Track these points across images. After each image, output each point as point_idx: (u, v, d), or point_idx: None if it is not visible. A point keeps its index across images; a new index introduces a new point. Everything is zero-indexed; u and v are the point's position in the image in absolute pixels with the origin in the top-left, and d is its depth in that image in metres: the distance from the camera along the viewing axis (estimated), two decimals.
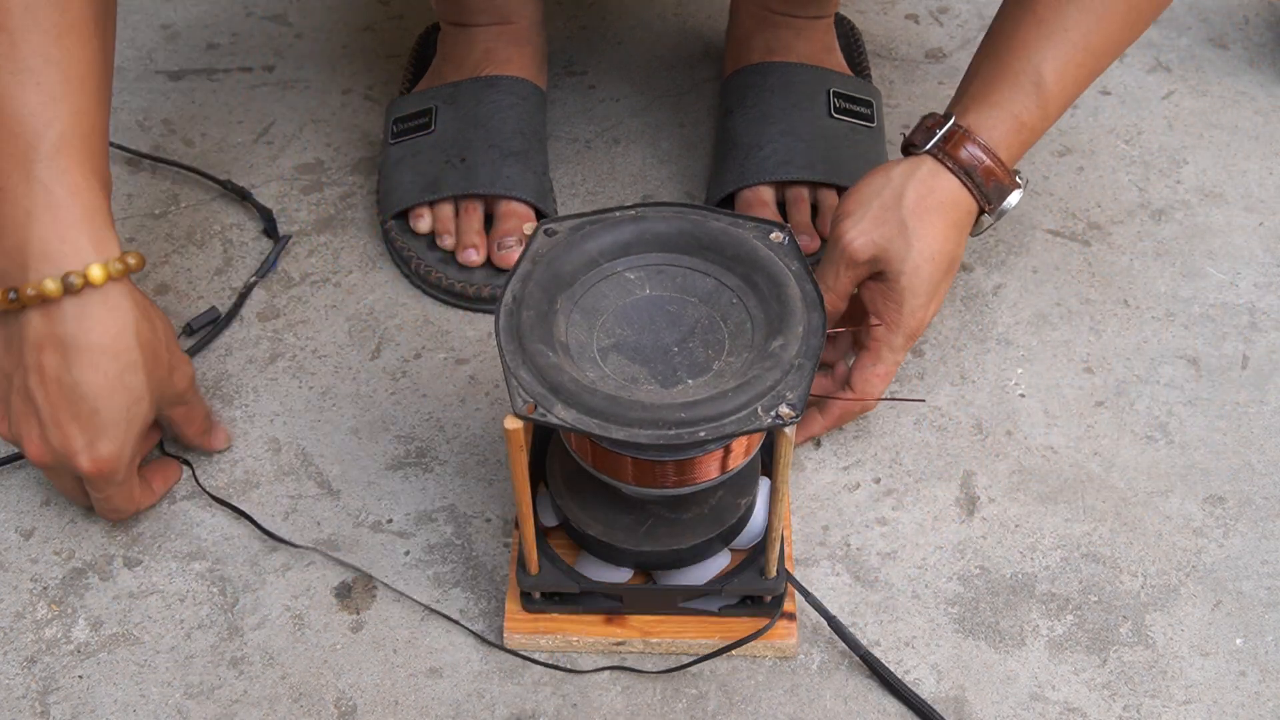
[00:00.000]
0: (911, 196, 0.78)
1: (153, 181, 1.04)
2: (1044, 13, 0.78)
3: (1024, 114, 0.79)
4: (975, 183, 0.79)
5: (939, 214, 0.79)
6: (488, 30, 1.01)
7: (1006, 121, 0.79)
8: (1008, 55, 0.79)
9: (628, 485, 0.69)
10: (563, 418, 0.62)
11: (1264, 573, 0.80)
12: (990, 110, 0.79)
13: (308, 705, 0.75)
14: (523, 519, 0.70)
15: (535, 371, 0.64)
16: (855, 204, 0.80)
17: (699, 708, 0.74)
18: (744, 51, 1.03)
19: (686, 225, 0.70)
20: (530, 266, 0.68)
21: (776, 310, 0.67)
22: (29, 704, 0.75)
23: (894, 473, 0.85)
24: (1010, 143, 0.79)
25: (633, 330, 0.68)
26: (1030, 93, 0.78)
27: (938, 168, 0.79)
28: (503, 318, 0.66)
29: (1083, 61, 0.78)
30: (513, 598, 0.77)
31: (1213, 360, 0.91)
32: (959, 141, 0.79)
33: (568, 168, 1.05)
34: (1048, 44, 0.78)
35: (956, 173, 0.79)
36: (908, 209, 0.78)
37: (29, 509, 0.84)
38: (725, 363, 0.67)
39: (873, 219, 0.78)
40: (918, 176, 0.79)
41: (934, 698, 0.75)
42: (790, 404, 0.63)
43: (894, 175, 0.80)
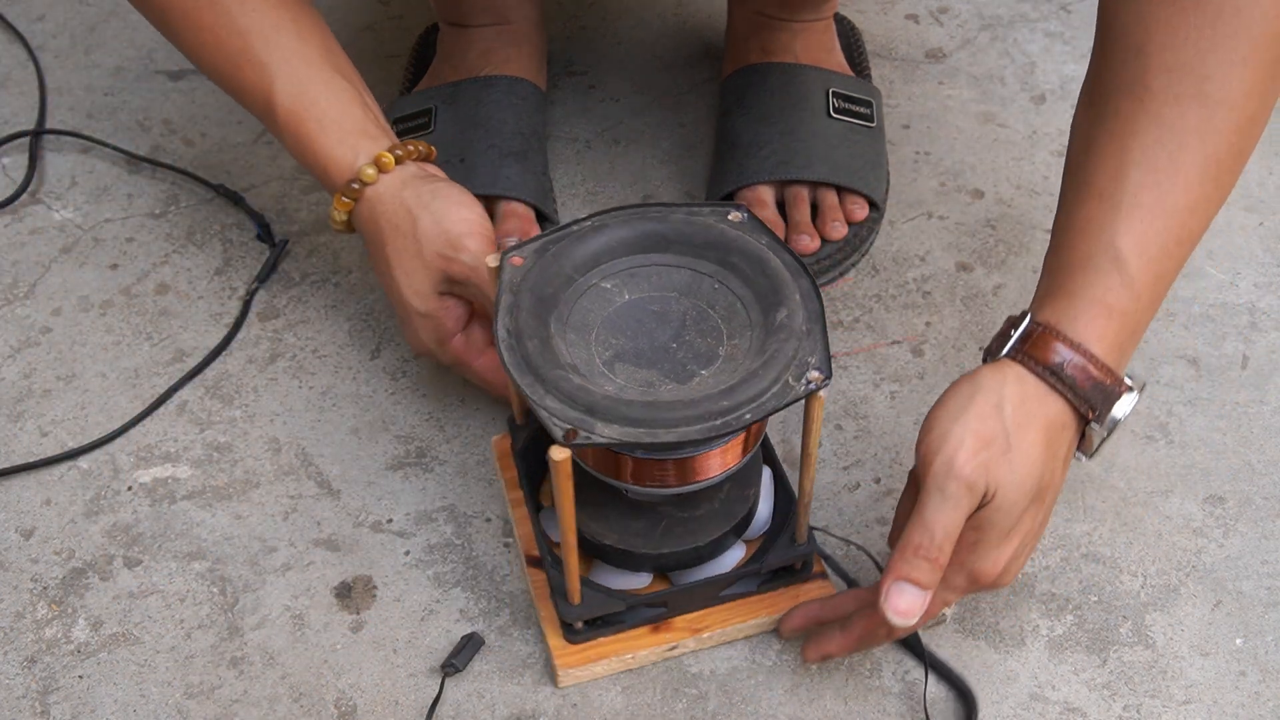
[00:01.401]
0: (1008, 409, 0.65)
1: (153, 182, 1.04)
2: (1105, 186, 0.67)
3: (1109, 297, 0.66)
4: (1067, 384, 0.66)
5: (1036, 429, 0.66)
6: (487, 30, 1.01)
7: (1091, 308, 0.66)
8: (1076, 239, 0.68)
9: (647, 488, 0.70)
10: (609, 435, 0.62)
11: (1264, 573, 0.80)
12: (1068, 300, 0.67)
13: (308, 705, 0.75)
14: (567, 550, 0.69)
15: (564, 397, 0.63)
16: (947, 422, 0.65)
17: (699, 708, 0.74)
18: (743, 52, 1.03)
19: (648, 224, 0.70)
20: (512, 297, 0.67)
21: (765, 284, 0.68)
22: (29, 704, 0.75)
23: (894, 473, 0.85)
24: (1102, 334, 0.66)
25: (627, 337, 0.68)
26: (1110, 272, 0.66)
27: (1024, 373, 0.66)
28: (506, 354, 0.65)
29: (1165, 227, 0.66)
30: (552, 633, 0.75)
31: (1213, 360, 0.91)
32: (1040, 340, 0.66)
33: (568, 168, 1.05)
34: (1117, 216, 0.66)
35: (1043, 376, 0.66)
36: (1008, 423, 0.65)
37: (29, 509, 0.84)
38: (731, 346, 0.67)
39: (977, 437, 0.64)
40: (1008, 386, 0.66)
41: (934, 698, 0.75)
42: (816, 368, 0.64)
43: (983, 382, 0.67)
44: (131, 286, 0.97)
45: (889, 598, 0.65)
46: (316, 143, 0.79)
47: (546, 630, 0.75)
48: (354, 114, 0.80)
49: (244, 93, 0.81)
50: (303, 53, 0.79)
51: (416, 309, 0.79)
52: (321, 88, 0.79)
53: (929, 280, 0.96)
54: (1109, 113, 0.68)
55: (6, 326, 0.94)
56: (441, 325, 0.80)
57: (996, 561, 0.67)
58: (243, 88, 0.80)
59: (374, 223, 0.79)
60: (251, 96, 0.80)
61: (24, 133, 1.07)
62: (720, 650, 0.77)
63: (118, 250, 0.99)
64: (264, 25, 0.78)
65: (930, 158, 1.05)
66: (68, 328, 0.94)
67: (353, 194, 0.79)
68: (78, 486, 0.85)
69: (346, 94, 0.81)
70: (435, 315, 0.79)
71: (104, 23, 1.18)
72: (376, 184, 0.79)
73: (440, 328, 0.80)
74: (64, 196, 1.03)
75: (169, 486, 0.85)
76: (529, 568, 0.78)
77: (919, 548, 0.65)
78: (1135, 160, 0.66)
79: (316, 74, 0.79)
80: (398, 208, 0.78)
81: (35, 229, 1.01)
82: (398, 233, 0.78)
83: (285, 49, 0.79)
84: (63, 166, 1.06)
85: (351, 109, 0.80)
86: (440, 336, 0.80)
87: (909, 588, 0.65)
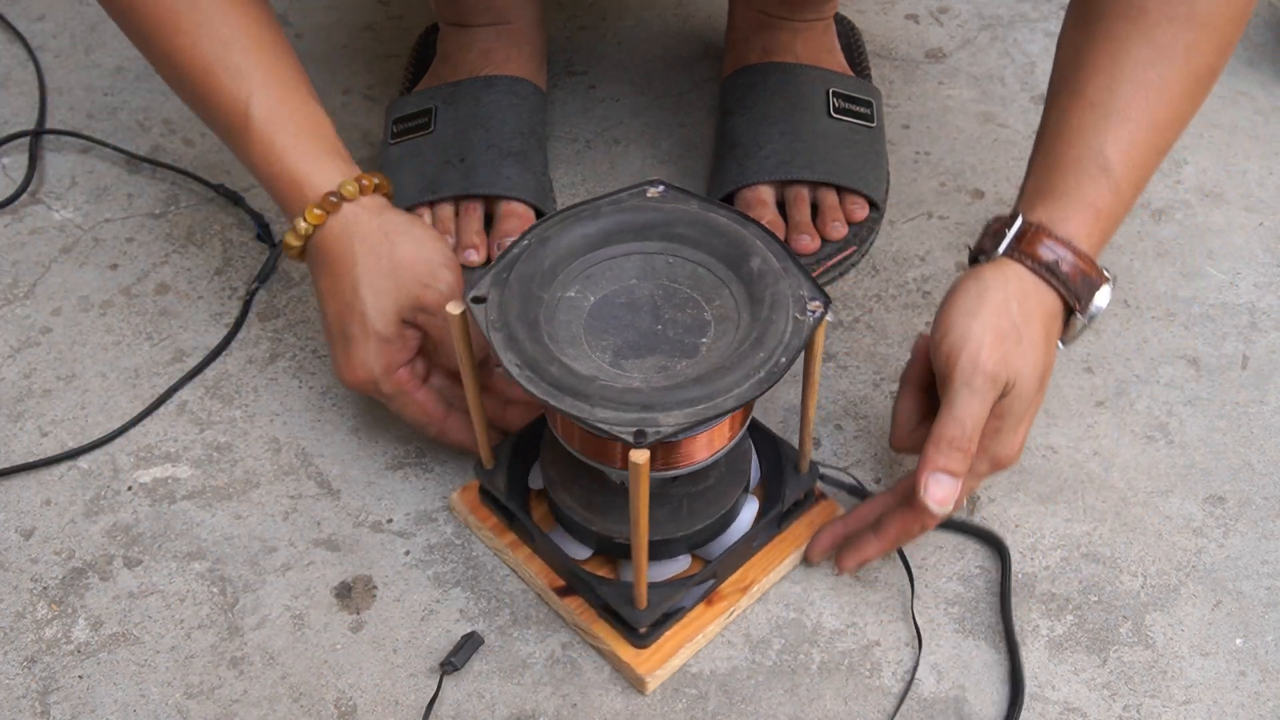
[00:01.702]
0: (1015, 304, 0.71)
1: (152, 182, 1.04)
2: (1095, 95, 0.72)
3: (1097, 200, 0.72)
4: (1061, 280, 0.72)
5: (1036, 319, 0.72)
6: (487, 30, 1.01)
7: (1081, 211, 0.72)
8: (1066, 144, 0.73)
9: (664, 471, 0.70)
10: (676, 422, 0.62)
11: (1264, 573, 0.80)
12: (1060, 201, 0.72)
13: (308, 705, 0.75)
14: (638, 552, 0.68)
15: (613, 404, 0.63)
16: (964, 319, 0.71)
17: (699, 708, 0.74)
18: (743, 52, 1.03)
19: (583, 225, 0.70)
20: (504, 333, 0.66)
21: (720, 242, 0.70)
22: (29, 704, 0.75)
23: (894, 473, 0.85)
24: (1090, 232, 0.72)
25: (614, 334, 0.69)
26: (1098, 178, 0.72)
27: (1022, 271, 0.72)
28: (533, 387, 0.64)
29: (1148, 139, 0.73)
30: (619, 645, 0.75)
31: (1213, 360, 0.91)
32: (1034, 239, 0.72)
33: (568, 168, 1.05)
34: (1107, 125, 0.72)
35: (1039, 272, 0.72)
36: (1017, 317, 0.71)
37: (29, 509, 0.84)
38: (715, 308, 0.69)
39: (995, 332, 0.70)
40: (1011, 283, 0.72)
41: (934, 697, 0.75)
42: (811, 298, 0.67)
43: (989, 280, 0.72)
44: (131, 286, 0.97)
45: (929, 489, 0.70)
46: (292, 155, 0.77)
47: (614, 646, 0.74)
48: (330, 136, 0.79)
49: (216, 98, 0.77)
50: (280, 70, 0.78)
51: (378, 331, 0.76)
52: (300, 105, 0.78)
53: (929, 280, 0.96)
54: (1102, 31, 0.73)
55: (6, 326, 0.94)
56: (396, 352, 0.78)
57: (1014, 444, 0.73)
58: (216, 93, 0.77)
59: (345, 241, 0.77)
60: (224, 103, 0.77)
61: (24, 133, 1.07)
62: (720, 650, 0.77)
63: (118, 250, 0.99)
64: (245, 37, 0.77)
65: (930, 158, 1.05)
66: (68, 328, 0.94)
67: (329, 206, 0.77)
68: (78, 486, 0.85)
69: (322, 117, 0.80)
70: (394, 341, 0.77)
71: (104, 23, 1.18)
72: (355, 202, 0.77)
73: (393, 355, 0.78)
74: (64, 196, 1.03)
75: (169, 486, 0.85)
76: (562, 598, 0.77)
77: (953, 440, 0.70)
78: (1127, 75, 0.72)
79: (294, 92, 0.78)
80: (375, 229, 0.77)
81: (35, 229, 1.01)
82: (373, 254, 0.76)
83: (265, 63, 0.77)
84: (63, 166, 1.06)
85: (327, 131, 0.79)
86: (390, 364, 0.78)
87: (945, 478, 0.70)
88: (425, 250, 0.77)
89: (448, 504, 0.82)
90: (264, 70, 0.77)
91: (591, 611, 0.76)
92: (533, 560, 0.78)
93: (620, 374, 0.67)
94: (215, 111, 0.78)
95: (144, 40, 0.78)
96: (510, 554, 0.79)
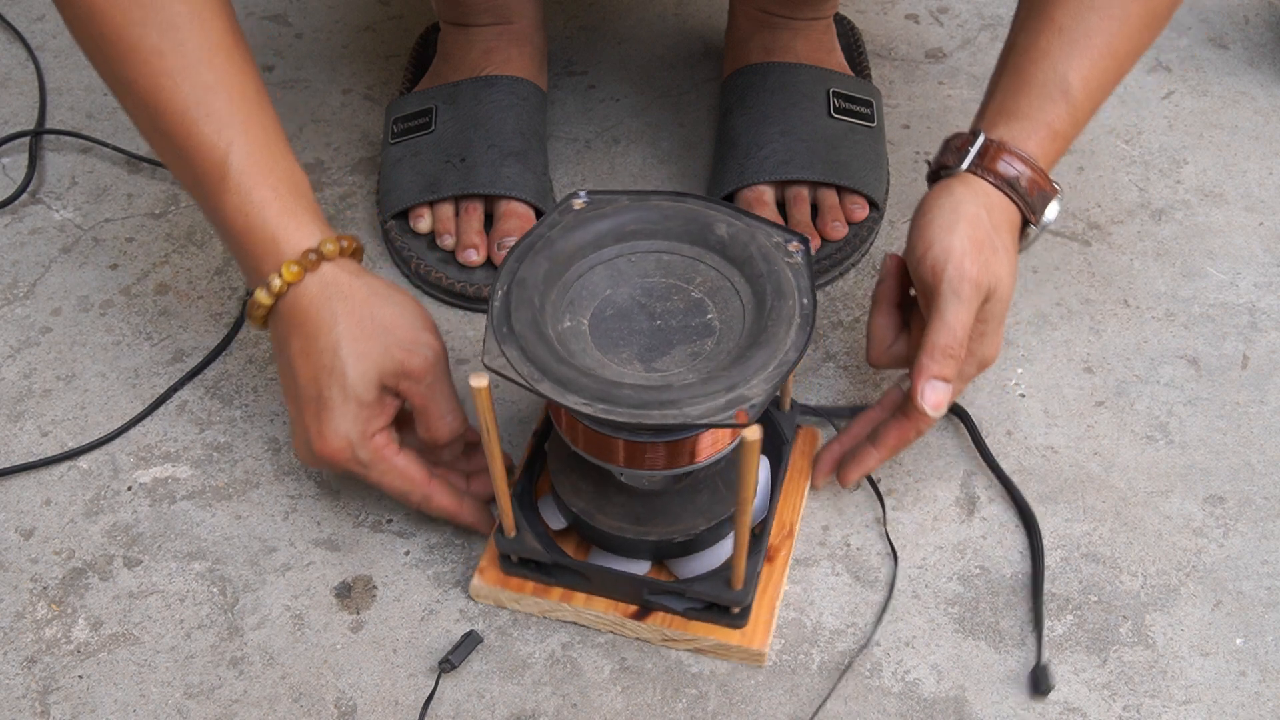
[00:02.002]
0: (985, 215, 0.75)
1: (152, 181, 1.04)
2: (1064, 20, 0.76)
3: (1056, 122, 0.77)
4: (1020, 194, 0.76)
5: (1007, 231, 0.76)
6: (487, 30, 1.01)
7: (1040, 131, 0.76)
8: (1030, 66, 0.77)
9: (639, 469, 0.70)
10: (764, 389, 0.64)
11: (1264, 573, 0.80)
12: (1021, 122, 0.77)
13: (308, 705, 0.75)
14: (741, 530, 0.69)
15: (701, 398, 0.63)
16: (944, 232, 0.74)
17: (699, 708, 0.74)
18: (743, 52, 1.03)
19: (543, 260, 0.69)
20: (555, 382, 0.64)
21: (672, 225, 0.71)
22: (29, 704, 0.75)
23: (894, 473, 0.85)
24: (1046, 151, 0.77)
25: (624, 346, 0.68)
26: (1059, 100, 0.76)
27: (987, 186, 0.76)
28: (617, 415, 0.63)
29: (1107, 67, 0.77)
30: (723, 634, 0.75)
31: (1213, 360, 0.91)
32: (995, 156, 0.76)
33: (568, 168, 1.05)
34: (1072, 51, 0.76)
35: (1001, 187, 0.76)
36: (989, 227, 0.75)
37: (29, 509, 0.84)
38: (700, 284, 0.70)
39: (973, 241, 0.74)
40: (979, 194, 0.76)
41: (934, 697, 0.75)
42: (786, 240, 0.70)
43: (960, 195, 0.76)
44: (131, 286, 0.97)
45: (925, 395, 0.74)
46: (271, 208, 0.74)
47: (718, 638, 0.75)
48: (309, 195, 0.77)
49: (193, 143, 0.74)
50: (262, 121, 0.75)
51: (359, 395, 0.73)
52: (280, 159, 0.76)
53: None
54: None
55: (6, 326, 0.94)
56: (374, 417, 0.75)
57: (996, 345, 0.77)
58: (194, 139, 0.74)
59: (324, 301, 0.74)
60: (202, 150, 0.74)
61: (24, 133, 1.07)
62: None
63: (118, 250, 0.99)
64: (229, 85, 0.74)
65: (930, 158, 1.05)
66: (68, 328, 0.94)
67: (308, 264, 0.73)
68: (78, 486, 0.85)
69: (301, 175, 0.77)
70: (373, 406, 0.74)
71: None
72: (335, 261, 0.75)
73: (372, 420, 0.75)
74: (64, 196, 1.03)
75: (169, 486, 0.85)
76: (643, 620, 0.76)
77: (946, 347, 0.73)
78: (1094, 5, 0.76)
79: (275, 146, 0.76)
80: (357, 290, 0.74)
81: (35, 229, 1.01)
82: (354, 315, 0.74)
83: (247, 112, 0.74)
84: (63, 166, 1.06)
85: (306, 190, 0.77)
86: (368, 429, 0.74)
87: (939, 384, 0.74)
88: (408, 315, 0.75)
89: (470, 594, 0.79)
90: (246, 120, 0.74)
91: (680, 619, 0.75)
92: (593, 601, 0.76)
93: (663, 374, 0.67)
94: (190, 157, 0.74)
95: (122, 81, 0.74)
96: (568, 607, 0.77)
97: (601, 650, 0.77)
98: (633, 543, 0.75)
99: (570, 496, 0.75)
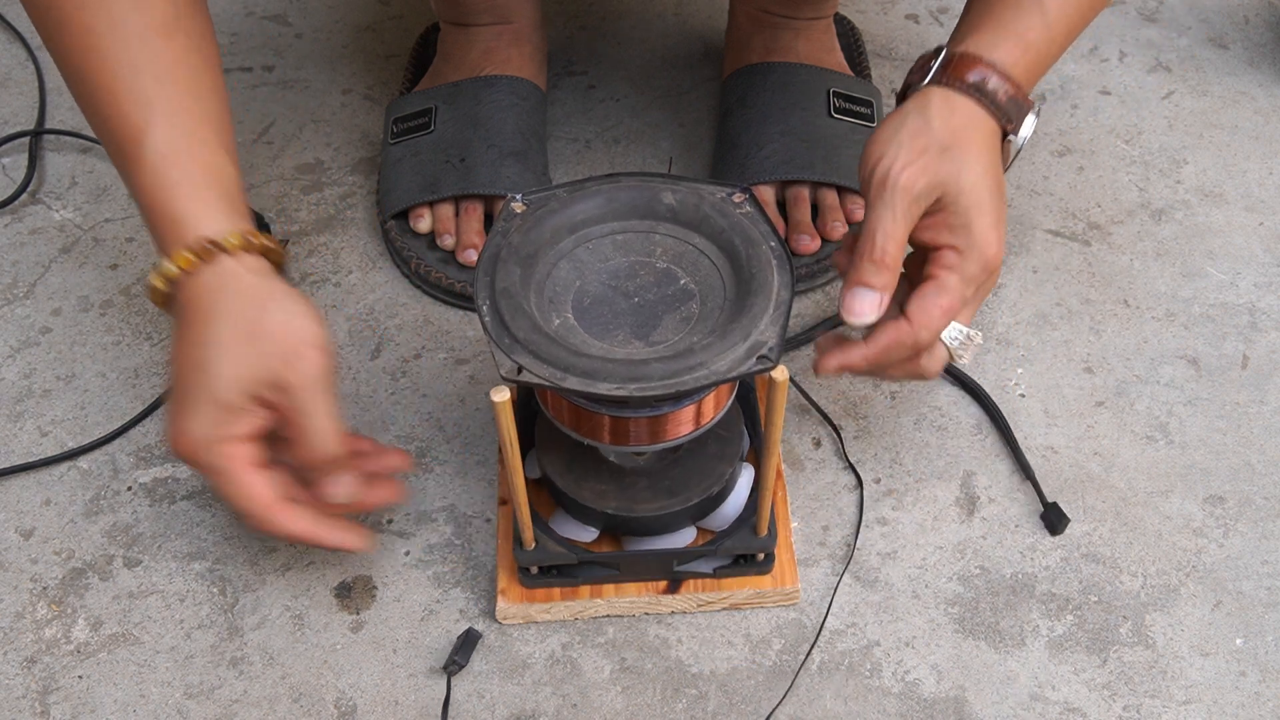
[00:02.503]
0: (937, 122, 0.71)
1: None
2: None
3: (1029, 33, 0.73)
4: (988, 97, 0.72)
5: (970, 132, 0.72)
6: (487, 30, 1.01)
7: (1010, 40, 0.73)
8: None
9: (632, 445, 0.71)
10: (776, 333, 0.65)
11: (1264, 573, 0.80)
12: (991, 33, 0.73)
13: (308, 705, 0.75)
14: (769, 471, 0.70)
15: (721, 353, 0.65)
16: (881, 145, 0.72)
17: (699, 708, 0.74)
18: (744, 52, 1.03)
19: (514, 264, 0.69)
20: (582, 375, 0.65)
21: (618, 205, 0.71)
22: (29, 704, 0.75)
23: (894, 473, 0.85)
24: (1018, 61, 0.73)
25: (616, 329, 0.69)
26: (1033, 12, 0.73)
27: (948, 93, 0.72)
28: (653, 390, 0.64)
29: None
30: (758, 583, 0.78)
31: (1213, 360, 0.91)
32: (959, 65, 0.73)
33: (568, 168, 1.05)
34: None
35: (968, 92, 0.72)
36: (939, 134, 0.71)
37: (29, 509, 0.84)
38: (663, 254, 0.71)
39: (910, 149, 0.70)
40: (933, 105, 0.72)
41: (934, 697, 0.75)
42: (729, 193, 0.71)
43: (908, 110, 0.73)
44: (131, 286, 0.97)
45: (847, 303, 0.71)
46: (180, 191, 0.71)
47: (754, 586, 0.77)
48: (231, 188, 0.73)
49: (114, 116, 0.72)
50: (194, 111, 0.72)
51: (220, 397, 0.69)
52: (203, 148, 0.72)
53: None
54: None
55: (6, 326, 0.94)
56: (233, 425, 0.70)
57: (997, 241, 0.72)
58: (115, 113, 0.72)
59: (213, 295, 0.70)
60: (120, 125, 0.72)
61: (24, 133, 1.07)
62: (720, 650, 0.77)
63: (118, 250, 0.99)
64: (162, 70, 0.72)
65: None
66: (68, 328, 0.94)
67: (203, 254, 0.70)
68: (78, 486, 0.85)
69: (229, 169, 0.74)
70: (235, 411, 0.69)
71: None
72: (235, 257, 0.71)
73: (228, 425, 0.70)
74: (64, 196, 1.03)
75: (169, 486, 0.85)
76: (676, 594, 0.78)
77: (868, 253, 0.70)
78: None
79: (202, 135, 0.73)
80: (249, 289, 0.71)
81: (35, 229, 1.01)
82: (235, 315, 0.70)
83: (177, 100, 0.72)
84: (63, 166, 1.06)
85: (230, 184, 0.73)
86: (222, 434, 0.70)
87: (862, 290, 0.71)
88: (297, 325, 0.70)
89: (499, 621, 0.78)
90: (170, 103, 0.71)
91: (711, 580, 0.77)
92: (623, 589, 0.77)
93: (666, 344, 0.68)
94: (111, 132, 0.72)
95: (59, 53, 0.73)
96: (600, 602, 0.77)
97: (601, 650, 0.77)
98: (679, 515, 0.76)
99: (599, 501, 0.75)
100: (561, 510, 0.78)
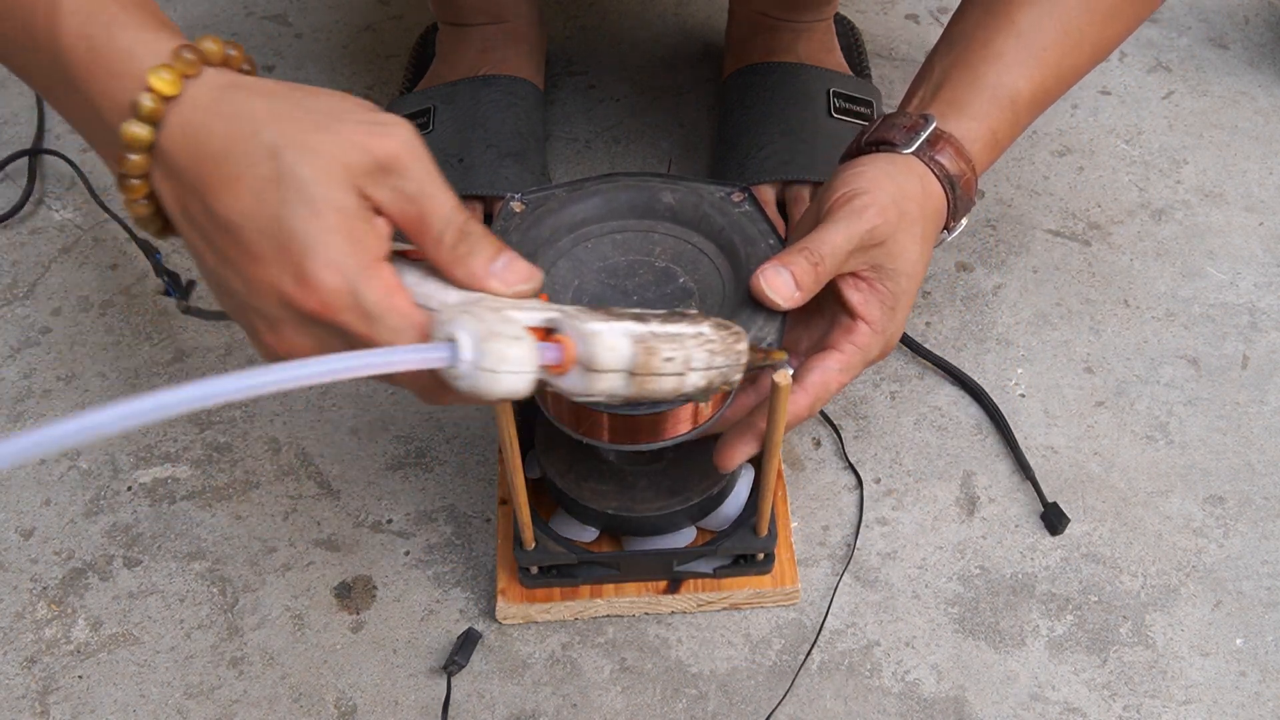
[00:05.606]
0: (914, 195, 0.70)
1: None
2: (1023, 25, 0.74)
3: (999, 130, 0.74)
4: (955, 194, 0.72)
5: (931, 221, 0.72)
6: (484, 30, 1.01)
7: (985, 136, 0.73)
8: (984, 67, 0.74)
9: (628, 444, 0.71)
10: (776, 328, 0.65)
11: (1264, 573, 0.80)
12: (970, 123, 0.73)
13: (308, 705, 0.75)
14: (770, 474, 0.70)
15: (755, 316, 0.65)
16: (864, 181, 0.69)
17: (699, 708, 0.74)
18: (744, 52, 1.03)
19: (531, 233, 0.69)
20: None
21: (619, 205, 0.71)
22: (29, 704, 0.75)
23: (894, 473, 0.85)
24: (983, 159, 0.74)
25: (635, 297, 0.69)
26: (1006, 109, 0.74)
27: (926, 173, 0.72)
28: None
29: (1052, 87, 0.75)
30: (758, 583, 0.78)
31: (1213, 360, 0.91)
32: (944, 147, 0.72)
33: (568, 168, 1.05)
34: (1027, 61, 0.74)
35: (943, 181, 0.72)
36: (913, 206, 0.70)
37: (29, 509, 0.84)
38: (661, 252, 0.71)
39: (888, 198, 0.68)
40: (915, 176, 0.71)
41: (934, 697, 0.75)
42: (728, 193, 0.70)
43: (898, 165, 0.71)
44: (131, 286, 0.97)
45: (767, 275, 0.65)
46: (119, 22, 0.53)
47: (754, 586, 0.78)
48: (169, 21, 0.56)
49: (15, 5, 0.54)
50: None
51: (336, 203, 0.51)
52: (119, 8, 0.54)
53: (929, 280, 0.96)
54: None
55: (6, 326, 0.94)
56: (368, 237, 0.52)
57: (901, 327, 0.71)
58: None
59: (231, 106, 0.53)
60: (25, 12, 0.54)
61: (22, 152, 1.05)
62: (720, 650, 0.77)
63: (117, 250, 0.99)
64: None
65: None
66: (68, 328, 0.94)
67: (186, 66, 0.52)
68: (78, 486, 0.85)
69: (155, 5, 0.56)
70: (359, 218, 0.52)
71: None
72: (220, 70, 0.54)
73: (367, 240, 0.52)
74: (64, 197, 1.03)
75: (169, 486, 0.85)
76: (676, 594, 0.78)
77: (803, 246, 0.66)
78: (1053, 13, 0.74)
79: None
80: (270, 86, 0.54)
81: (35, 229, 1.01)
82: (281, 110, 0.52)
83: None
84: (63, 167, 1.06)
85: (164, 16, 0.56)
86: (365, 258, 0.52)
87: (783, 270, 0.66)
88: (350, 100, 0.55)
89: (499, 621, 0.78)
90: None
91: (711, 580, 0.77)
92: (623, 589, 0.77)
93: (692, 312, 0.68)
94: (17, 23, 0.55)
95: None
96: (600, 602, 0.77)
97: (601, 650, 0.77)
98: (679, 515, 0.76)
99: (599, 501, 0.75)
100: (561, 510, 0.78)
